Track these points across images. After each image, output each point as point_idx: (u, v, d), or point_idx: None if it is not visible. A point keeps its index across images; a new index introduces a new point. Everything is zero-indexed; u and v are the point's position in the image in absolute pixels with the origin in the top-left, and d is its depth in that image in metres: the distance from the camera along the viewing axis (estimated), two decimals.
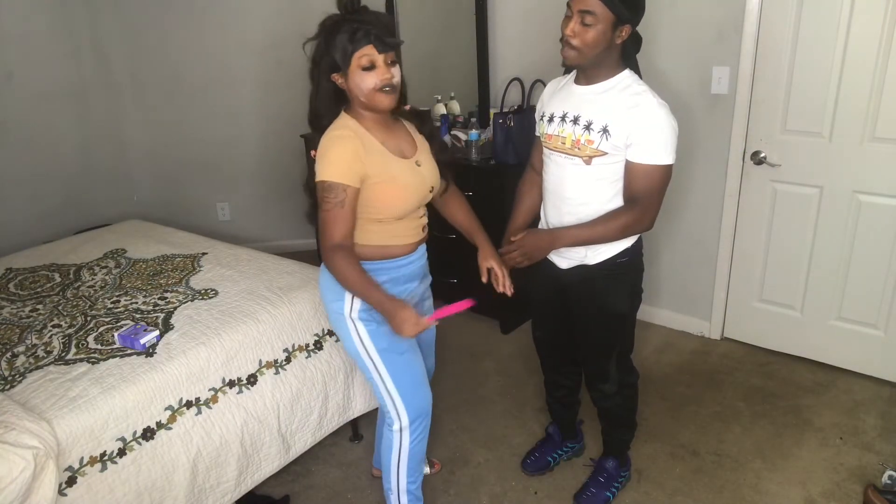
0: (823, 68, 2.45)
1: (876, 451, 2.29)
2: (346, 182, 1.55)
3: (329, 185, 1.54)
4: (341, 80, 1.59)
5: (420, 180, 1.68)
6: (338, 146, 1.57)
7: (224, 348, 1.94)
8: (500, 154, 2.96)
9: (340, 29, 1.53)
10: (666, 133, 1.64)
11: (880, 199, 2.48)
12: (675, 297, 3.12)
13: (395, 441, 1.84)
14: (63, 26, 3.55)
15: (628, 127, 1.64)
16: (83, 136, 3.74)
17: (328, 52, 1.56)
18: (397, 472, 1.88)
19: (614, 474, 2.13)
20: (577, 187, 1.76)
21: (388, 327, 1.70)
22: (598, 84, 1.70)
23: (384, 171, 1.60)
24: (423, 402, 1.83)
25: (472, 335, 3.17)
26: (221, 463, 1.89)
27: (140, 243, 2.73)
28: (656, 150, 1.64)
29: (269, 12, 3.79)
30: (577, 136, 1.71)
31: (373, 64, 1.54)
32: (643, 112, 1.63)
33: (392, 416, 1.81)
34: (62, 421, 1.60)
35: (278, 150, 4.01)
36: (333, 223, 1.56)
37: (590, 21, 1.57)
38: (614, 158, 1.69)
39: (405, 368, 1.78)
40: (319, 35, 1.58)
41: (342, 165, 1.55)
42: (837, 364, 2.76)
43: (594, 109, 1.69)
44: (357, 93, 1.58)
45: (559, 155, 1.77)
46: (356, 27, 1.53)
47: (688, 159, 2.84)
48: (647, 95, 1.65)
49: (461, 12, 3.33)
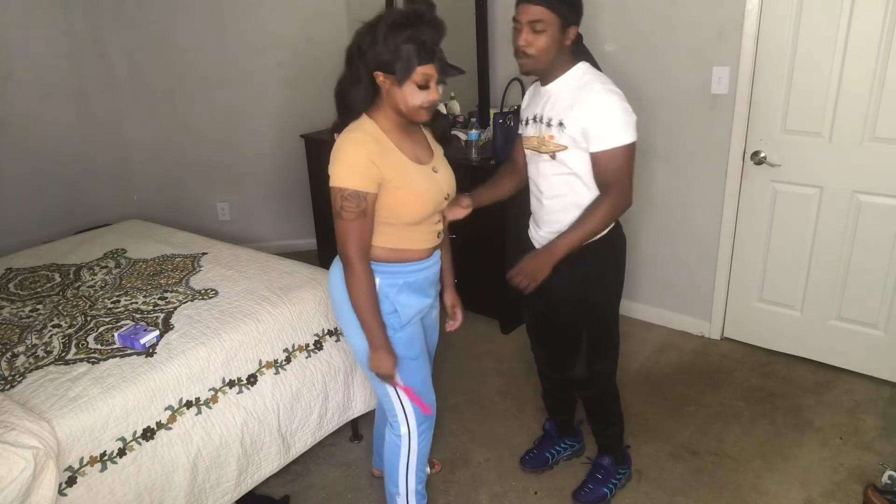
0: (823, 68, 2.45)
1: (876, 451, 2.29)
2: (366, 189, 1.52)
3: (349, 194, 1.51)
4: (385, 80, 1.53)
5: (436, 187, 1.67)
6: (352, 150, 1.53)
7: (224, 348, 1.94)
8: (500, 154, 2.96)
9: (404, 33, 1.47)
10: (617, 115, 1.68)
11: (880, 199, 2.48)
12: (676, 297, 3.12)
13: (404, 445, 1.83)
14: (63, 26, 3.55)
15: (580, 117, 1.69)
16: (83, 136, 3.74)
17: (386, 50, 1.48)
18: (406, 475, 1.88)
19: (611, 471, 2.14)
20: (548, 182, 1.82)
21: (404, 333, 1.71)
22: (557, 80, 1.77)
23: (400, 175, 1.57)
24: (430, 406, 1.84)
25: (472, 335, 3.17)
26: (221, 463, 1.89)
27: (140, 243, 2.73)
28: (612, 133, 1.68)
29: (269, 12, 3.79)
30: (541, 134, 1.79)
31: (428, 83, 1.52)
32: (592, 101, 1.69)
33: (400, 420, 1.80)
34: (62, 421, 1.60)
35: (278, 150, 4.01)
36: (358, 234, 1.55)
37: (540, 28, 1.65)
38: (574, 152, 1.74)
39: (416, 373, 1.78)
40: (376, 27, 1.49)
41: (359, 171, 1.52)
42: (837, 364, 2.76)
43: (552, 106, 1.76)
44: (400, 102, 1.54)
45: (532, 153, 1.86)
46: (424, 40, 1.48)
47: (688, 159, 2.84)
48: (596, 84, 1.71)
49: (461, 12, 3.33)
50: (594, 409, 2.11)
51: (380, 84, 1.55)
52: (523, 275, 1.79)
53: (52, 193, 3.62)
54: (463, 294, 1.99)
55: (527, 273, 1.79)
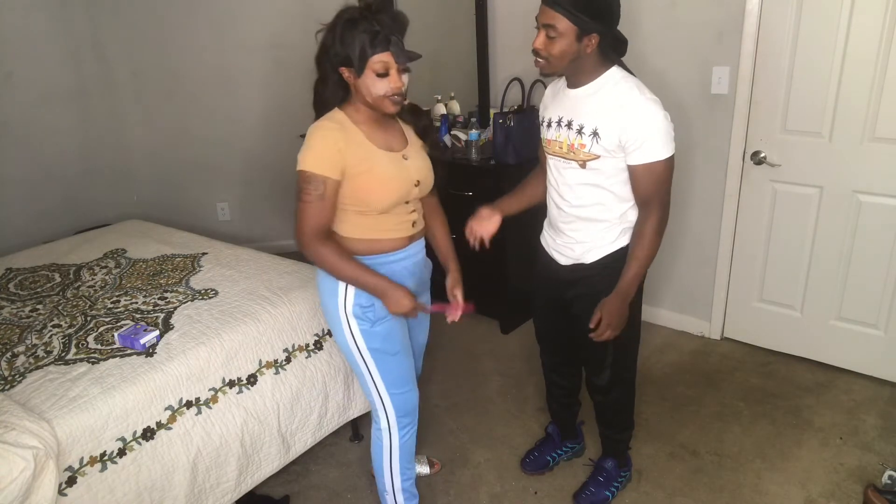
0: (823, 68, 2.45)
1: (876, 451, 2.29)
2: (326, 174, 1.55)
3: (309, 177, 1.55)
4: (349, 75, 1.57)
5: (404, 173, 1.67)
6: (319, 138, 1.57)
7: (224, 348, 1.94)
8: (500, 154, 2.96)
9: (359, 26, 1.51)
10: (660, 128, 1.62)
11: (880, 199, 2.48)
12: (675, 297, 3.12)
13: (385, 439, 1.85)
14: (63, 26, 3.55)
15: (619, 128, 1.63)
16: (83, 137, 3.74)
17: (343, 46, 1.53)
18: (390, 472, 1.89)
19: (613, 474, 2.13)
20: (573, 191, 1.77)
21: (382, 327, 1.71)
22: (587, 86, 1.70)
23: (363, 161, 1.59)
24: (410, 402, 1.84)
25: (472, 335, 3.17)
26: (221, 463, 1.89)
27: (140, 243, 2.73)
28: (654, 147, 1.63)
29: (269, 12, 3.80)
30: (571, 141, 1.72)
31: (387, 71, 1.54)
32: (633, 112, 1.62)
33: (380, 412, 1.83)
34: (62, 421, 1.59)
35: (278, 150, 4.00)
36: (313, 214, 1.57)
37: (553, 34, 1.60)
38: (607, 161, 1.68)
39: (395, 368, 1.79)
40: (335, 25, 1.54)
41: (323, 157, 1.55)
42: (837, 364, 2.76)
43: (584, 112, 1.69)
44: (365, 94, 1.57)
45: (557, 159, 1.79)
46: (377, 30, 1.51)
47: (688, 159, 2.84)
48: (635, 93, 1.64)
49: (461, 12, 3.33)
50: (611, 414, 2.09)
51: (346, 80, 1.59)
52: (610, 329, 1.76)
53: (52, 193, 3.62)
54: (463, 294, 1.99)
55: (612, 325, 1.76)
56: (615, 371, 1.97)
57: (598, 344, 1.86)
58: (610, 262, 1.80)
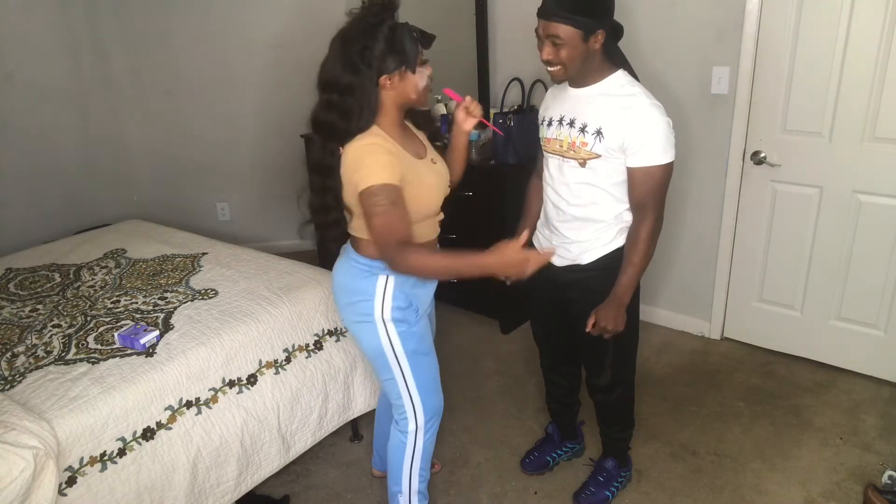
0: (823, 68, 2.45)
1: (876, 451, 2.29)
2: (392, 181, 1.51)
3: (377, 189, 1.49)
4: (393, 80, 1.53)
5: (441, 179, 1.70)
6: (373, 153, 1.53)
7: (224, 348, 1.94)
8: (500, 154, 2.96)
9: (399, 27, 1.52)
10: (661, 133, 1.65)
11: (880, 199, 2.48)
12: (675, 297, 3.12)
13: (409, 442, 1.84)
14: (63, 26, 3.55)
15: (622, 129, 1.65)
16: (83, 136, 3.74)
17: (398, 52, 1.51)
18: (409, 474, 1.88)
19: (614, 474, 2.13)
20: (571, 189, 1.78)
21: (418, 327, 1.72)
22: (592, 86, 1.72)
23: (409, 171, 1.58)
24: (438, 403, 1.86)
25: (472, 335, 3.17)
26: (221, 463, 1.89)
27: (140, 243, 2.73)
28: (654, 152, 1.65)
29: (269, 12, 3.79)
30: (572, 139, 1.73)
31: (424, 59, 1.57)
32: (637, 114, 1.64)
33: (408, 415, 1.81)
34: (62, 421, 1.59)
35: (278, 151, 4.01)
36: (392, 223, 1.51)
37: (559, 42, 1.61)
38: (607, 161, 1.70)
39: (427, 369, 1.79)
40: (376, 38, 1.50)
41: (384, 167, 1.51)
42: (837, 364, 2.76)
43: (589, 112, 1.71)
44: (411, 91, 1.57)
45: (556, 158, 1.79)
46: (404, 25, 1.53)
47: (688, 159, 2.84)
48: (641, 97, 1.66)
49: (461, 12, 3.33)
50: (612, 413, 2.09)
51: (386, 89, 1.55)
52: (605, 327, 1.77)
53: (52, 193, 3.62)
54: (463, 295, 1.99)
55: (605, 325, 1.77)
56: (615, 371, 1.97)
57: (598, 345, 1.87)
58: (607, 262, 1.80)
